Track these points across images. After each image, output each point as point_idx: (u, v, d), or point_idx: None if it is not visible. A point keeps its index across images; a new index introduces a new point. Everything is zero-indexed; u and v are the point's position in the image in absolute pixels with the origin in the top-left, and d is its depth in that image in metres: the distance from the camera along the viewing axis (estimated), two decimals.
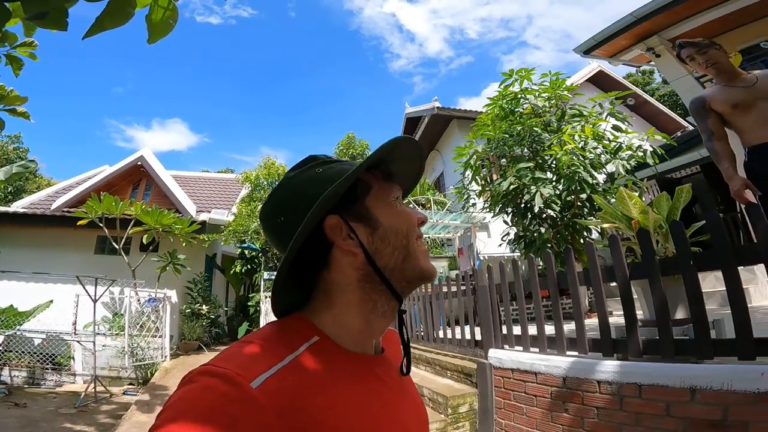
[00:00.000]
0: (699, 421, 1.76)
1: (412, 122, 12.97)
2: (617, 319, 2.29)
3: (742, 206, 1.95)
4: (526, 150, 5.55)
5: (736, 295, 1.77)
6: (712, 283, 4.49)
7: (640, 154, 4.85)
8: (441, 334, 4.33)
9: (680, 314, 2.14)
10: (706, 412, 1.74)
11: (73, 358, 7.27)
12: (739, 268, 1.81)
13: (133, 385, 6.77)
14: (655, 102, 12.86)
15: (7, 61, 1.94)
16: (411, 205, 7.82)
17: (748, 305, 1.78)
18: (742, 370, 1.70)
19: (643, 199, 4.93)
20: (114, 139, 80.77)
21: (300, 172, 0.56)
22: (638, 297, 2.36)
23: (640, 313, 2.30)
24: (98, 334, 6.61)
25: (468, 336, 3.72)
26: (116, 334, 7.28)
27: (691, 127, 8.69)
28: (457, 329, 3.95)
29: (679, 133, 8.57)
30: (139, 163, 10.48)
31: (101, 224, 7.85)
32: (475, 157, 5.75)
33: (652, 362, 2.03)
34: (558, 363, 2.45)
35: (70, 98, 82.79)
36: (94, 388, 5.80)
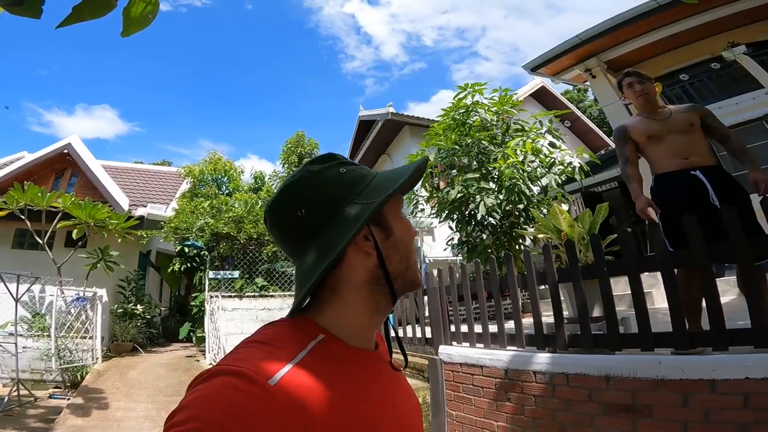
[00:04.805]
0: (614, 406, 2.05)
1: (365, 125, 13.08)
2: (547, 318, 2.59)
3: (647, 223, 2.33)
4: (474, 161, 5.92)
5: (639, 297, 2.14)
6: (622, 287, 5.09)
7: (570, 169, 5.41)
8: (393, 334, 4.51)
9: (597, 312, 2.51)
10: (619, 398, 2.04)
11: None
12: (643, 274, 2.19)
13: (60, 388, 6.24)
14: (586, 119, 14.12)
15: None
16: None
17: (652, 306, 2.14)
18: (644, 359, 2.02)
19: (570, 210, 5.54)
20: (29, 123, 73.43)
21: (324, 168, 0.56)
22: (564, 298, 2.69)
23: (566, 312, 2.64)
24: (19, 335, 6.01)
25: (419, 335, 3.95)
26: (38, 336, 6.65)
27: (613, 146, 9.75)
28: (408, 328, 4.18)
29: (603, 152, 9.54)
30: (65, 151, 9.63)
31: (23, 216, 7.13)
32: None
33: (575, 354, 2.34)
34: (500, 356, 2.71)
35: None
36: (18, 392, 5.32)
